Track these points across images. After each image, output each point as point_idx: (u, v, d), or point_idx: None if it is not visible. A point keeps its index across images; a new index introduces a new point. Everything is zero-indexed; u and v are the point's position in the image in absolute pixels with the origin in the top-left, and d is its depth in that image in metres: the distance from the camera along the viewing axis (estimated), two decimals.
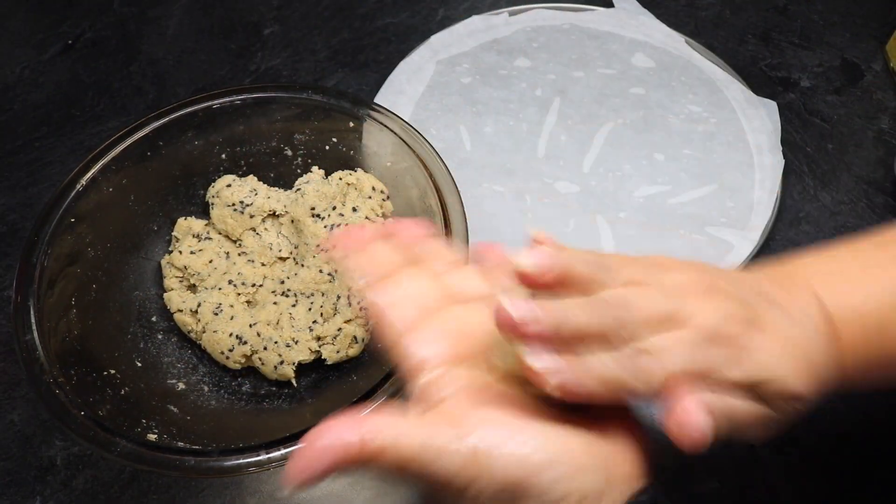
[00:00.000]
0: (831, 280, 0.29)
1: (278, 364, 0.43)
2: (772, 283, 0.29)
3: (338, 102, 0.45)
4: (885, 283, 0.29)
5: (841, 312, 0.28)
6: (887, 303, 0.29)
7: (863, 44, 0.61)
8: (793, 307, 0.28)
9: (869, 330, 0.28)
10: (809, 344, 0.27)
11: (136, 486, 0.43)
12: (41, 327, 0.38)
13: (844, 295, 0.29)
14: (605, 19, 0.62)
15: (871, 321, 0.28)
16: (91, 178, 0.42)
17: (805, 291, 0.29)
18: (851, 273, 0.30)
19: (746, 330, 0.26)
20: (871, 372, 0.29)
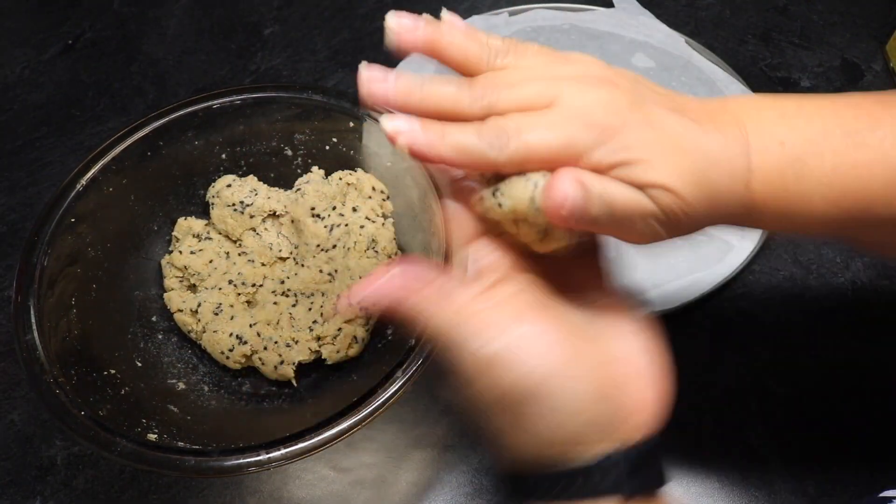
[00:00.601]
0: (763, 113, 0.28)
1: (278, 364, 0.43)
2: (698, 103, 0.28)
3: (338, 102, 0.45)
4: (815, 121, 0.28)
5: (761, 140, 0.28)
6: (810, 139, 0.28)
7: (863, 44, 0.61)
8: (708, 122, 0.27)
9: (786, 160, 0.27)
10: (707, 151, 0.26)
11: (137, 486, 0.43)
12: (41, 327, 0.38)
13: (769, 125, 0.28)
14: (605, 19, 0.62)
15: (790, 152, 0.27)
16: (91, 178, 0.42)
17: (731, 118, 0.28)
18: (785, 108, 0.29)
19: (623, 120, 0.26)
20: (780, 205, 0.28)
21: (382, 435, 0.44)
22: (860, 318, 0.48)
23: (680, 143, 0.26)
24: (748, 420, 0.45)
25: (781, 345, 0.47)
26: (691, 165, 0.26)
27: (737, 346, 0.47)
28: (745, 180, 0.27)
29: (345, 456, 0.44)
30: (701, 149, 0.26)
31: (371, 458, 0.44)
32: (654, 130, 0.26)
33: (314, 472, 0.43)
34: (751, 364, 0.47)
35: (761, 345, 0.48)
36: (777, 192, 0.27)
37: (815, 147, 0.27)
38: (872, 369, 0.46)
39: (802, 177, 0.27)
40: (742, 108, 0.28)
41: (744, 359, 0.47)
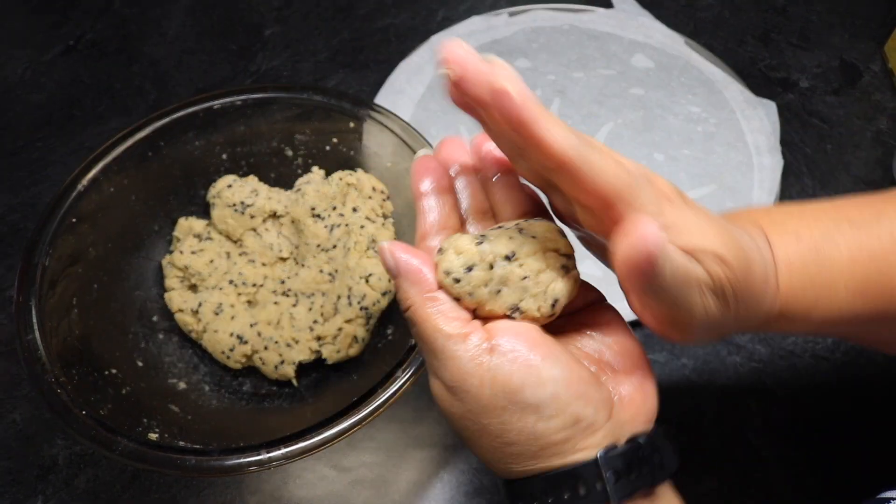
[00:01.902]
0: (772, 216, 0.30)
1: (279, 364, 0.43)
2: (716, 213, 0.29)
3: (338, 103, 0.45)
4: (826, 220, 0.29)
5: (778, 235, 0.29)
6: (823, 232, 0.29)
7: (861, 45, 0.62)
8: (734, 220, 0.28)
9: (805, 251, 0.28)
10: (740, 235, 0.27)
11: (138, 485, 0.43)
12: (43, 327, 0.38)
13: (780, 221, 0.29)
14: (605, 20, 0.62)
15: (807, 244, 0.29)
16: (92, 179, 0.42)
17: (746, 218, 0.29)
18: (791, 211, 0.30)
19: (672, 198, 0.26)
20: (809, 298, 0.29)
21: (383, 434, 0.44)
22: None
23: (717, 221, 0.27)
24: (748, 420, 0.45)
25: (781, 345, 0.48)
26: (733, 239, 0.26)
27: (736, 346, 0.48)
28: (773, 272, 0.28)
29: (345, 455, 0.44)
30: (731, 228, 0.27)
31: (371, 457, 0.44)
32: (694, 207, 0.27)
33: (314, 471, 0.43)
34: (750, 364, 0.47)
35: (761, 345, 0.48)
36: (804, 282, 0.28)
37: (828, 238, 0.29)
38: (872, 369, 0.47)
39: (824, 267, 0.28)
40: (752, 212, 0.30)
41: (743, 359, 0.47)
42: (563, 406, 0.25)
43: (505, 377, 0.25)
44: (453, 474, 0.43)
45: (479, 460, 0.28)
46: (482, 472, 0.43)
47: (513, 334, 0.26)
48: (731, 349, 0.47)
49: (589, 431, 0.25)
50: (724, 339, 0.28)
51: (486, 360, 0.25)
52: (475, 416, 0.26)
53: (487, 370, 0.25)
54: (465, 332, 0.26)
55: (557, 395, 0.25)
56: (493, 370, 0.25)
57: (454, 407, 0.26)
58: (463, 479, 0.43)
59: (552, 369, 0.25)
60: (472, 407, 0.26)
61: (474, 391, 0.25)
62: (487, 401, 0.25)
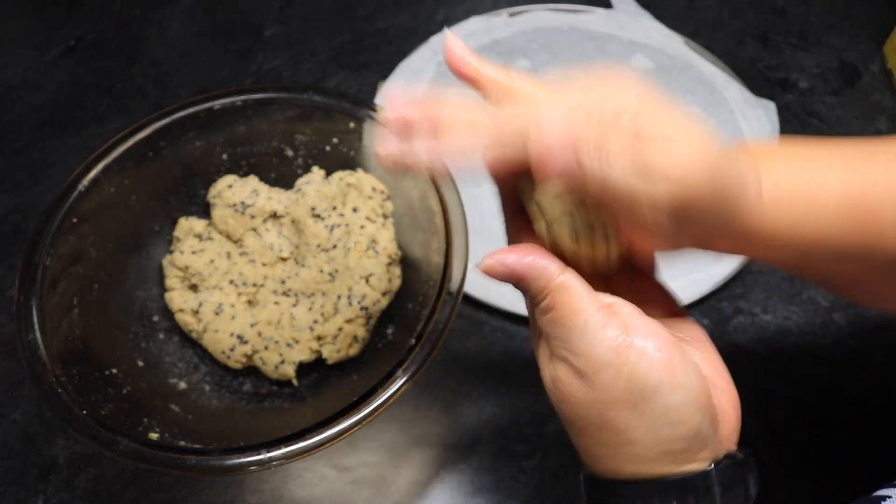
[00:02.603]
0: (761, 147, 0.28)
1: (279, 364, 0.43)
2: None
3: (338, 103, 0.45)
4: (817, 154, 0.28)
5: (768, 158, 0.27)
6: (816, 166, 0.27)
7: (860, 45, 0.62)
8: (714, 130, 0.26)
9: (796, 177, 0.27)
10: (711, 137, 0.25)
11: (138, 485, 0.43)
12: (43, 327, 0.38)
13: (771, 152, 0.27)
14: (605, 20, 0.62)
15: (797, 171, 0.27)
16: (93, 179, 0.42)
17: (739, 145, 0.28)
18: (787, 145, 0.28)
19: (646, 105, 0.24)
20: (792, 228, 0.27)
21: (383, 434, 0.44)
22: (859, 318, 0.49)
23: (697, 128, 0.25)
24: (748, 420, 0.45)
25: (781, 345, 0.48)
26: (706, 151, 0.24)
27: (736, 346, 0.48)
28: (755, 186, 0.26)
29: (345, 455, 0.44)
30: (718, 146, 0.25)
31: (371, 457, 0.44)
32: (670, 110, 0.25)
33: (315, 471, 0.43)
34: (750, 364, 0.47)
35: (761, 345, 0.48)
36: (789, 200, 0.26)
37: (820, 167, 0.27)
38: (871, 370, 0.47)
39: (812, 189, 0.26)
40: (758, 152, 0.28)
41: (743, 359, 0.47)
42: (690, 415, 0.25)
43: (643, 375, 0.25)
44: (453, 474, 0.43)
45: (579, 452, 0.28)
46: (482, 472, 0.43)
47: (650, 333, 0.25)
48: (730, 349, 0.47)
49: (703, 445, 0.25)
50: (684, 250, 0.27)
51: (626, 354, 0.25)
52: (603, 406, 0.25)
53: (625, 364, 0.25)
54: (604, 320, 0.25)
55: (688, 402, 0.25)
56: (632, 365, 0.25)
57: (581, 393, 0.25)
58: (463, 479, 0.43)
59: (687, 377, 0.25)
60: (602, 397, 0.25)
61: (609, 382, 0.25)
62: (620, 394, 0.25)
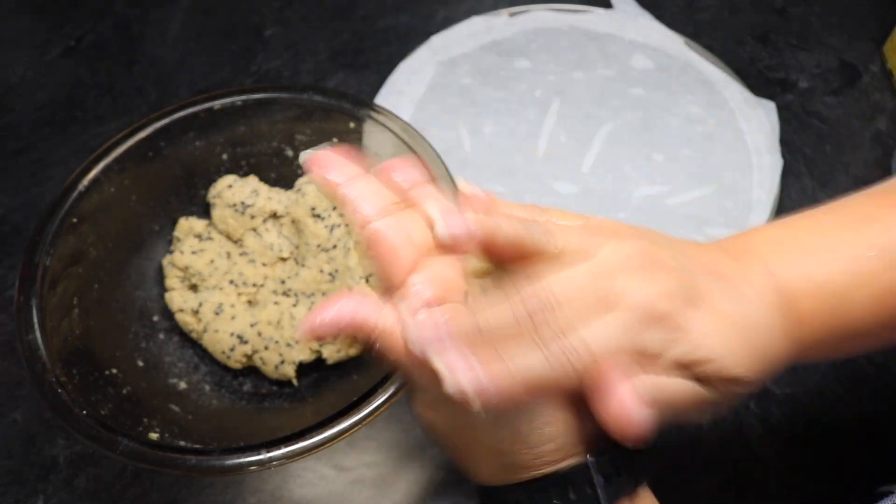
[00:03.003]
0: (786, 250, 0.28)
1: (279, 364, 0.43)
2: (723, 255, 0.27)
3: (338, 103, 0.45)
4: (841, 250, 0.27)
5: (797, 284, 0.27)
6: (844, 270, 0.27)
7: (860, 45, 0.62)
8: (742, 282, 0.26)
9: (826, 300, 0.27)
10: (755, 323, 0.26)
11: (138, 485, 0.43)
12: (43, 327, 0.38)
13: (800, 265, 0.27)
14: (605, 21, 0.62)
15: (828, 290, 0.27)
16: (93, 179, 0.42)
17: (758, 264, 0.27)
18: (806, 242, 0.28)
19: (683, 308, 0.24)
20: (829, 343, 0.28)
21: (383, 434, 0.44)
22: None
23: (739, 323, 0.25)
24: (748, 420, 0.45)
25: None
26: (751, 347, 0.25)
27: None
28: (797, 339, 0.27)
29: (345, 455, 0.44)
30: (758, 322, 0.26)
31: (372, 457, 0.44)
32: (713, 318, 0.25)
33: (315, 470, 0.43)
34: None
35: None
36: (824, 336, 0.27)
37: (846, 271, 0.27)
38: (872, 369, 0.47)
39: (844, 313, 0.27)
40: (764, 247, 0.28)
41: None
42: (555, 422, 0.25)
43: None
44: (453, 474, 0.43)
45: (460, 468, 0.28)
46: None
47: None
48: None
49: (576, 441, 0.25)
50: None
51: None
52: (463, 431, 0.25)
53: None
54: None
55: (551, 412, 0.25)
56: None
57: (438, 422, 0.26)
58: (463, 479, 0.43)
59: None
60: (458, 424, 0.25)
61: (458, 412, 0.25)
62: (474, 420, 0.25)
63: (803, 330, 0.27)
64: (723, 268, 0.27)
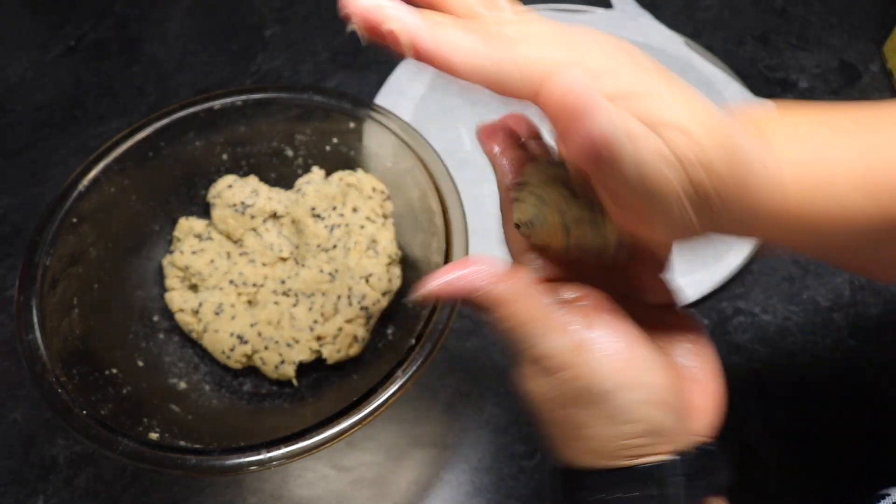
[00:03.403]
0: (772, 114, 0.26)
1: (279, 364, 0.43)
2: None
3: (338, 103, 0.45)
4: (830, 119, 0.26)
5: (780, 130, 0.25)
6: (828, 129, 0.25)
7: (860, 45, 0.62)
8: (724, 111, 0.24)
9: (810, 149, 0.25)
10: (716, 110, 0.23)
11: (138, 485, 0.43)
12: (43, 327, 0.38)
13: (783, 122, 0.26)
14: (605, 20, 0.62)
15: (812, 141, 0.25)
16: (93, 179, 0.42)
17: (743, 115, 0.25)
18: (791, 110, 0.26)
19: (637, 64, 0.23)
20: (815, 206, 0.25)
21: (383, 434, 0.44)
22: (859, 318, 0.49)
23: (698, 97, 0.23)
24: (748, 420, 0.45)
25: (780, 345, 0.48)
26: (710, 114, 0.23)
27: (736, 346, 0.48)
28: (772, 167, 0.24)
29: (345, 455, 0.44)
30: (721, 113, 0.23)
31: (371, 457, 0.44)
32: (670, 78, 0.23)
33: (315, 470, 0.43)
34: (750, 364, 0.47)
35: (760, 345, 0.48)
36: (807, 181, 0.24)
37: (835, 135, 0.25)
38: (871, 369, 0.47)
39: (829, 164, 0.24)
40: (747, 111, 0.26)
41: (743, 359, 0.47)
42: (649, 413, 0.25)
43: (601, 374, 0.25)
44: (453, 474, 0.43)
45: (547, 444, 0.28)
46: (482, 472, 0.43)
47: (614, 332, 0.25)
48: (730, 349, 0.48)
49: (666, 439, 0.25)
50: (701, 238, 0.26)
51: (586, 354, 0.25)
52: (563, 401, 0.25)
53: (585, 363, 0.25)
54: (563, 321, 0.25)
55: (647, 401, 0.25)
56: (593, 364, 0.25)
57: (543, 389, 0.26)
58: (463, 479, 0.43)
59: (649, 375, 0.25)
60: (563, 394, 0.25)
61: (569, 381, 0.25)
62: (579, 392, 0.25)
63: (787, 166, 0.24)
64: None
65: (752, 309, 0.49)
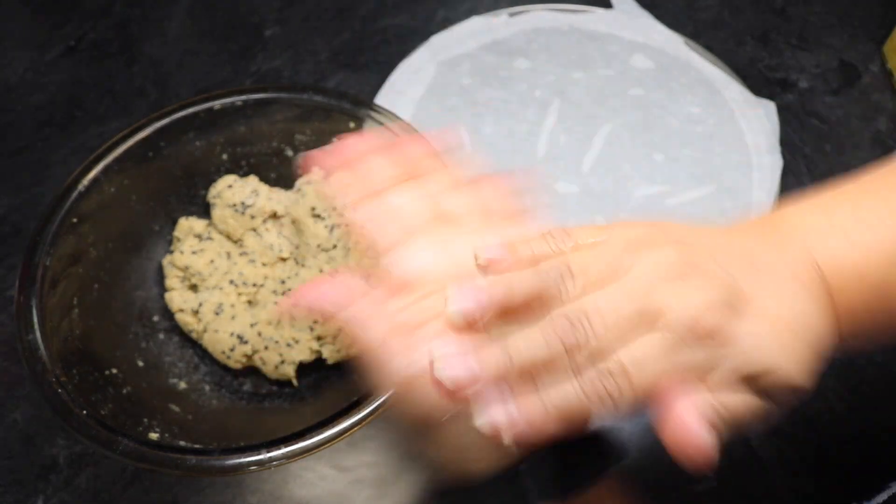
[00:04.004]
0: (826, 235, 0.26)
1: (279, 364, 0.43)
2: (761, 243, 0.25)
3: (338, 103, 0.45)
4: (882, 234, 0.25)
5: (838, 271, 0.25)
6: (886, 257, 0.25)
7: (860, 45, 0.62)
8: (785, 273, 0.24)
9: (868, 289, 0.25)
10: (807, 322, 0.24)
11: (138, 485, 0.43)
12: (43, 327, 0.38)
13: (841, 251, 0.25)
14: (605, 20, 0.62)
15: (870, 279, 0.25)
16: (93, 179, 0.42)
17: (798, 249, 0.25)
18: (847, 226, 0.26)
19: (730, 318, 0.23)
20: (868, 333, 0.26)
21: (383, 434, 0.44)
22: None
23: (790, 326, 0.24)
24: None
25: None
26: (805, 348, 0.24)
27: None
28: (836, 328, 0.25)
29: (345, 455, 0.44)
30: (807, 321, 0.24)
31: (372, 457, 0.44)
32: (764, 324, 0.23)
33: (315, 470, 0.43)
34: None
35: None
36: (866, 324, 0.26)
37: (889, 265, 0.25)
38: (872, 369, 0.47)
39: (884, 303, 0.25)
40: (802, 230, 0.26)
41: None
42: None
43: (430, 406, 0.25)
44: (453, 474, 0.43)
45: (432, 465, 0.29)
46: None
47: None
48: None
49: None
50: None
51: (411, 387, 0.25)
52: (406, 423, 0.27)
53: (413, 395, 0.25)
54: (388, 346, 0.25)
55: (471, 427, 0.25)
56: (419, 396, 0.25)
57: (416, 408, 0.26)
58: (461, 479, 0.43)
59: None
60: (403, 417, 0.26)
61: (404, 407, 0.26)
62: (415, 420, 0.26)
63: (841, 319, 0.25)
64: (761, 257, 0.25)
65: None
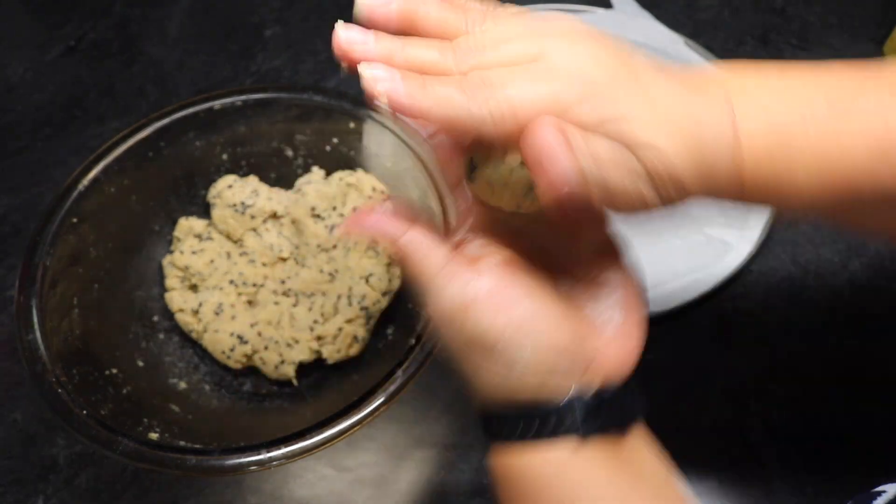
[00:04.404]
0: (746, 82, 0.27)
1: (279, 364, 0.43)
2: (681, 71, 0.27)
3: (338, 103, 0.45)
4: (801, 95, 0.26)
5: (745, 107, 0.26)
6: (794, 108, 0.26)
7: (860, 45, 0.62)
8: (697, 89, 0.26)
9: (769, 129, 0.26)
10: (684, 107, 0.25)
11: (138, 485, 0.43)
12: (43, 327, 0.38)
13: (753, 92, 0.26)
14: (605, 20, 0.62)
15: (774, 120, 0.26)
16: (93, 179, 0.42)
17: (718, 92, 0.26)
18: (768, 78, 0.27)
19: (611, 75, 0.25)
20: (766, 185, 0.26)
21: (383, 434, 0.44)
22: (858, 318, 0.49)
23: (668, 102, 0.25)
24: (747, 420, 0.45)
25: (780, 345, 0.48)
26: (679, 126, 0.25)
27: (736, 346, 0.48)
28: (732, 147, 0.26)
29: (345, 455, 0.44)
30: (689, 111, 0.25)
31: (371, 457, 0.44)
32: (641, 87, 0.25)
33: (315, 470, 0.43)
34: (750, 364, 0.47)
35: (760, 345, 0.48)
36: (763, 163, 0.26)
37: (798, 115, 0.26)
38: (871, 369, 0.47)
39: (787, 146, 0.26)
40: (725, 76, 0.27)
41: (743, 359, 0.47)
42: (539, 360, 0.26)
43: (483, 329, 0.26)
44: (453, 474, 0.43)
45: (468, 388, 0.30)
46: (482, 472, 0.43)
47: (505, 282, 0.27)
48: (731, 349, 0.48)
49: (563, 379, 0.27)
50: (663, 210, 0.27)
51: (467, 310, 0.26)
52: (457, 347, 0.27)
53: (469, 318, 0.26)
54: (449, 277, 0.27)
55: (538, 349, 0.26)
56: (474, 320, 0.26)
57: (447, 336, 0.28)
58: (463, 479, 0.43)
59: (537, 323, 0.26)
60: (455, 342, 0.27)
61: (455, 334, 0.27)
62: (468, 342, 0.27)
63: (745, 150, 0.26)
64: (674, 72, 0.26)
65: (751, 309, 0.49)
